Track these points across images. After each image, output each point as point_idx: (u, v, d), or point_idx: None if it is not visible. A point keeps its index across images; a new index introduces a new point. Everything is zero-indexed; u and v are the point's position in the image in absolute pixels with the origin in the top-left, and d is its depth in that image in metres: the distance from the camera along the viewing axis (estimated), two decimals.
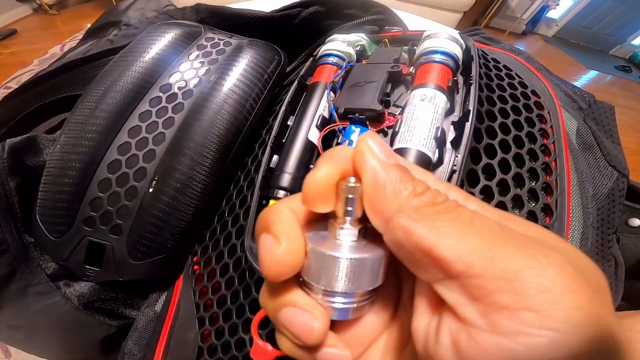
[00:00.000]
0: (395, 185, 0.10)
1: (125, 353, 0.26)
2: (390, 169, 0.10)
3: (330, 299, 0.11)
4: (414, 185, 0.10)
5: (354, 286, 0.11)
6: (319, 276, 0.11)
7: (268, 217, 0.11)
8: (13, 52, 1.41)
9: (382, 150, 0.10)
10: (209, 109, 0.26)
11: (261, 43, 0.31)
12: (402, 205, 0.09)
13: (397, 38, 0.30)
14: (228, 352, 0.21)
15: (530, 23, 2.08)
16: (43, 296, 0.26)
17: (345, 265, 0.11)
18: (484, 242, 0.08)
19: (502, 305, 0.08)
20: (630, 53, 2.07)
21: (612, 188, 0.28)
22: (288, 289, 0.11)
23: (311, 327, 0.11)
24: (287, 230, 0.11)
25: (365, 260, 0.11)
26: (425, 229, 0.09)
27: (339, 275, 0.11)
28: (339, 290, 0.11)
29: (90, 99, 0.26)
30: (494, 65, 0.25)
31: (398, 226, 0.09)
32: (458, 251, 0.08)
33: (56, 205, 0.24)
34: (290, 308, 0.11)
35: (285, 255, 0.10)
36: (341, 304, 0.11)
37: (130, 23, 0.39)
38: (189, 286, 0.26)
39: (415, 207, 0.09)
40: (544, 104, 0.24)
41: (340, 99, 0.24)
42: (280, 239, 0.11)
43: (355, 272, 0.11)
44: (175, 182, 0.24)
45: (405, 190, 0.10)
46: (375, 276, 0.11)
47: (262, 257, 0.11)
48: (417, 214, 0.09)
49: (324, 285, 0.11)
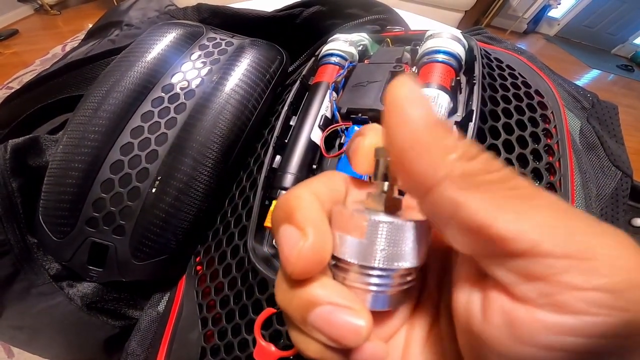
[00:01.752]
0: (443, 145, 0.08)
1: (129, 353, 0.26)
2: (436, 123, 0.08)
3: (366, 279, 0.10)
4: (465, 147, 0.08)
5: (394, 259, 0.09)
6: (352, 250, 0.09)
7: (289, 204, 0.10)
8: (15, 52, 1.41)
9: (423, 99, 0.08)
10: (212, 109, 0.26)
11: (263, 43, 0.31)
12: (449, 172, 0.08)
13: (399, 38, 0.30)
14: (231, 353, 0.21)
15: (532, 22, 2.07)
16: (46, 297, 0.26)
17: (384, 231, 0.09)
18: (549, 217, 0.07)
19: (572, 285, 0.07)
20: (632, 52, 2.06)
21: (615, 188, 0.28)
22: (316, 283, 0.10)
23: (356, 326, 0.09)
24: (313, 219, 0.09)
25: (404, 226, 0.09)
26: (479, 202, 0.07)
27: (377, 244, 0.09)
28: (377, 265, 0.09)
29: (92, 99, 0.26)
30: (497, 65, 0.25)
31: (445, 197, 0.08)
32: (520, 227, 0.07)
33: (59, 205, 0.24)
34: (325, 307, 0.09)
35: (314, 249, 0.09)
36: (378, 286, 0.10)
37: (131, 23, 0.39)
38: (191, 287, 0.26)
39: (468, 173, 0.08)
40: (548, 103, 0.24)
41: (342, 99, 0.24)
42: (306, 231, 0.09)
43: (394, 240, 0.09)
44: (178, 183, 0.24)
45: (454, 152, 0.08)
46: (416, 250, 0.10)
47: (286, 253, 0.09)
48: (469, 183, 0.08)
49: (358, 260, 0.09)
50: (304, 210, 0.09)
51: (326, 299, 0.09)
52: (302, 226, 0.09)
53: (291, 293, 0.10)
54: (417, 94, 0.08)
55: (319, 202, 0.10)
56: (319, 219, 0.09)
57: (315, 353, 0.10)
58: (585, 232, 0.07)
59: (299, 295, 0.10)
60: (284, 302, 0.10)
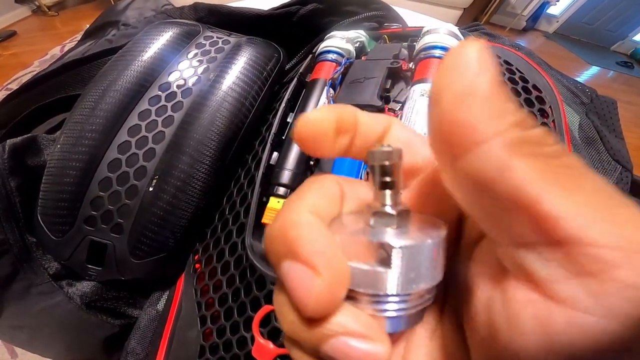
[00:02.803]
0: (504, 104, 0.07)
1: (129, 352, 0.26)
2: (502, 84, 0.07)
3: (380, 306, 0.09)
4: (524, 117, 0.07)
5: (409, 284, 0.08)
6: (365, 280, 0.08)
7: (287, 235, 0.08)
8: (13, 53, 1.41)
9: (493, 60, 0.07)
10: (209, 107, 0.26)
11: (260, 41, 0.31)
12: (505, 130, 0.07)
13: (397, 34, 0.30)
14: (230, 351, 0.21)
15: (530, 19, 2.07)
16: (46, 296, 0.26)
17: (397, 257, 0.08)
18: (602, 203, 0.06)
19: (627, 282, 0.06)
20: (632, 49, 2.05)
21: (615, 182, 0.28)
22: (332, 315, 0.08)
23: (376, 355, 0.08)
24: (322, 251, 0.08)
25: (421, 247, 0.08)
26: (529, 171, 0.06)
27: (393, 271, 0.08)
28: (391, 292, 0.08)
29: (89, 98, 0.26)
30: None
31: (492, 156, 0.07)
32: (570, 207, 0.06)
33: (57, 204, 0.24)
34: (340, 338, 0.08)
35: (331, 287, 0.08)
36: (395, 311, 0.09)
37: (128, 23, 0.39)
38: (190, 285, 0.26)
39: (521, 140, 0.07)
40: (546, 98, 0.24)
41: (340, 95, 0.24)
42: (319, 269, 0.08)
43: (409, 265, 0.08)
44: (176, 181, 0.24)
45: (513, 116, 0.07)
46: (435, 268, 0.08)
47: (299, 295, 0.08)
48: (521, 148, 0.07)
49: (370, 290, 0.08)
50: (308, 242, 0.08)
51: (341, 330, 0.08)
52: (312, 263, 0.08)
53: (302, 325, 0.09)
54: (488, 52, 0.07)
55: (322, 223, 0.08)
56: (329, 249, 0.08)
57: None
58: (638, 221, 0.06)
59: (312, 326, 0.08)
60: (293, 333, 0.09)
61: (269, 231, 0.09)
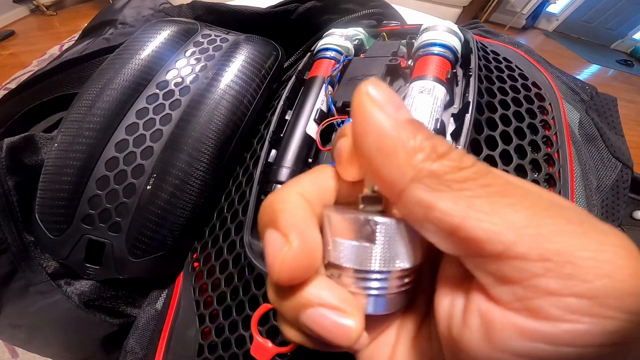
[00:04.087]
0: (409, 146, 0.07)
1: (127, 351, 0.26)
2: (401, 125, 0.08)
3: (363, 283, 0.09)
4: (434, 145, 0.08)
5: (390, 261, 0.09)
6: (348, 255, 0.09)
7: (272, 207, 0.09)
8: (12, 53, 1.41)
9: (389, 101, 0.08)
10: (207, 105, 0.25)
11: (258, 39, 0.31)
12: (418, 173, 0.07)
13: (395, 32, 0.30)
14: (228, 350, 0.21)
15: (530, 18, 2.07)
16: (44, 295, 0.26)
17: (381, 231, 0.09)
18: (526, 216, 0.07)
19: (548, 290, 0.07)
20: (631, 47, 2.05)
21: (616, 180, 0.28)
22: (308, 284, 0.09)
23: (348, 328, 0.09)
24: (298, 224, 0.09)
25: (400, 226, 0.09)
26: (450, 202, 0.07)
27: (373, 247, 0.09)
28: (374, 268, 0.09)
29: (86, 97, 0.26)
30: (494, 57, 0.25)
31: (415, 201, 0.07)
32: (494, 227, 0.07)
33: (55, 203, 0.24)
34: (316, 309, 0.09)
35: (298, 256, 0.09)
36: (377, 289, 0.09)
37: (126, 21, 0.39)
38: (189, 283, 0.25)
39: (436, 174, 0.07)
40: (545, 95, 0.24)
41: (338, 92, 0.24)
42: (290, 237, 0.09)
43: (390, 241, 0.09)
44: (174, 179, 0.24)
45: (421, 152, 0.07)
46: (413, 250, 0.09)
47: (270, 260, 0.09)
48: (438, 183, 0.07)
49: (354, 265, 0.09)
50: (288, 214, 0.09)
51: (317, 301, 0.09)
52: (285, 231, 0.09)
53: (282, 294, 0.09)
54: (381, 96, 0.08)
55: (306, 204, 0.09)
56: (304, 223, 0.09)
57: (308, 345, 0.10)
58: (565, 231, 0.07)
59: (290, 295, 0.09)
60: (275, 302, 0.10)
61: (263, 204, 0.10)
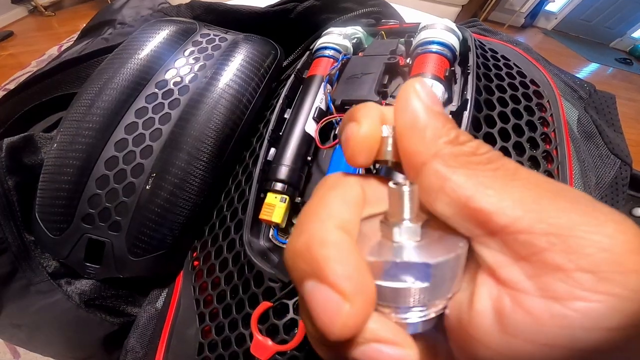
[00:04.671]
0: (437, 129, 0.09)
1: (128, 350, 0.26)
2: (434, 113, 0.09)
3: (404, 315, 0.09)
4: (457, 134, 0.09)
5: (434, 297, 0.08)
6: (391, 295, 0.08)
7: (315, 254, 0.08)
8: (11, 54, 1.41)
9: (428, 96, 0.09)
10: (206, 104, 0.26)
11: (257, 38, 0.31)
12: (440, 150, 0.08)
13: (394, 30, 0.30)
14: (228, 348, 0.21)
15: (529, 16, 2.07)
16: (44, 294, 0.26)
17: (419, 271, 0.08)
18: (531, 194, 0.07)
19: (555, 265, 0.07)
20: (630, 46, 2.05)
21: (615, 176, 0.28)
22: None
23: None
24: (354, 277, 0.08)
25: (445, 263, 0.08)
26: (462, 177, 0.08)
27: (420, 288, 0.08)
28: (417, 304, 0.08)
29: (86, 96, 0.26)
30: (492, 55, 0.25)
31: (434, 172, 0.08)
32: (500, 202, 0.07)
33: (55, 203, 0.24)
34: (372, 345, 0.08)
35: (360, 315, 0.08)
36: (418, 318, 0.09)
37: (125, 21, 0.39)
38: (189, 282, 0.26)
39: (455, 154, 0.08)
40: (543, 92, 0.24)
41: (337, 91, 0.24)
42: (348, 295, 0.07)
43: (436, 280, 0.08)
44: (173, 178, 0.24)
45: (446, 137, 0.09)
46: (453, 278, 0.09)
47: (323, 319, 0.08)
48: (455, 161, 0.08)
49: (397, 304, 0.08)
50: (338, 264, 0.08)
51: (372, 337, 0.08)
52: (340, 288, 0.07)
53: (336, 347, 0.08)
54: (424, 91, 0.09)
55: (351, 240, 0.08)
56: (359, 273, 0.08)
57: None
58: (568, 209, 0.07)
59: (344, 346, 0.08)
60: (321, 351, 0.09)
61: (292, 244, 0.08)
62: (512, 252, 0.07)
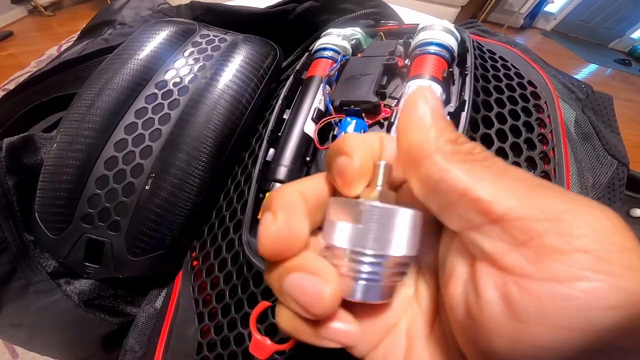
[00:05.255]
0: (440, 130, 0.09)
1: (127, 350, 0.26)
2: (439, 117, 0.10)
3: (357, 266, 0.10)
4: (457, 136, 0.10)
5: (385, 246, 0.09)
6: (343, 235, 0.10)
7: (272, 195, 0.11)
8: (10, 54, 1.41)
9: (435, 101, 0.10)
10: (205, 105, 0.26)
11: (256, 39, 0.31)
12: (441, 147, 0.09)
13: (393, 31, 0.30)
14: (227, 348, 0.21)
15: (528, 17, 2.07)
16: (44, 294, 0.26)
17: (377, 215, 0.09)
18: (521, 186, 0.08)
19: (553, 248, 0.07)
20: (629, 46, 2.06)
21: (612, 177, 0.28)
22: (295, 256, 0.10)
23: (320, 291, 0.09)
24: (286, 205, 0.10)
25: (396, 212, 0.10)
26: (461, 172, 0.09)
27: (369, 229, 0.09)
28: (368, 251, 0.09)
29: (86, 97, 0.26)
30: (490, 56, 0.25)
31: (434, 165, 0.09)
32: (496, 192, 0.08)
33: (54, 202, 0.24)
34: (296, 273, 0.10)
35: (282, 232, 0.10)
36: (369, 274, 0.10)
37: (124, 22, 0.39)
38: (188, 282, 0.26)
39: (454, 152, 0.09)
40: (541, 93, 0.24)
41: (336, 91, 0.24)
42: (277, 214, 0.10)
43: (386, 226, 0.09)
44: (173, 178, 0.24)
45: (447, 137, 0.09)
46: (408, 239, 0.10)
47: (259, 235, 0.10)
48: (454, 157, 0.09)
49: (349, 245, 0.10)
50: (280, 199, 0.10)
51: (299, 266, 0.10)
52: (275, 210, 0.10)
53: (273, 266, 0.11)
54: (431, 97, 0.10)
55: (300, 196, 0.11)
56: (292, 205, 0.10)
57: (288, 325, 0.11)
58: (556, 199, 0.08)
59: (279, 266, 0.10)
60: (268, 278, 0.11)
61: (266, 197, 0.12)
62: (512, 239, 0.08)
